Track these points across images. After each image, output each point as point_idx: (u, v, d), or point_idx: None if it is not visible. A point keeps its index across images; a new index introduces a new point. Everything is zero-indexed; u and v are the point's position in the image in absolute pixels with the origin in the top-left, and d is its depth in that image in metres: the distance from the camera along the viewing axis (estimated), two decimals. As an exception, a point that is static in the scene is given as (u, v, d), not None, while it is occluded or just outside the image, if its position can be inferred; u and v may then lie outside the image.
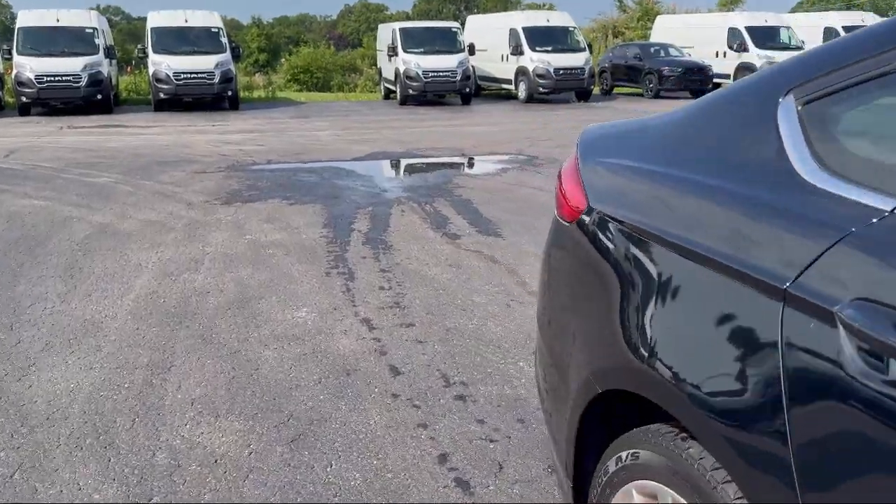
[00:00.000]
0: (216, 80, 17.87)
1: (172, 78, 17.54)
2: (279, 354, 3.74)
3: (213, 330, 4.07)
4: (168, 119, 16.30)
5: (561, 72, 20.21)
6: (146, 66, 19.03)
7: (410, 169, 10.29)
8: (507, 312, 4.31)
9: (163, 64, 17.65)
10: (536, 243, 5.77)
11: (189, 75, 17.67)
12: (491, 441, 2.91)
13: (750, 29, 24.13)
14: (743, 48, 24.07)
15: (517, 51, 20.95)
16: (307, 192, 7.97)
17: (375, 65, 26.82)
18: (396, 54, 20.24)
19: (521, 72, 20.80)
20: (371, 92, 27.16)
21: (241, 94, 21.11)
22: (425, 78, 19.55)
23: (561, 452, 1.89)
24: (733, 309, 1.31)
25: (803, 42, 24.29)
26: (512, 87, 21.58)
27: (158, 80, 17.70)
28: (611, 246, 1.70)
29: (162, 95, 17.72)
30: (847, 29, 24.96)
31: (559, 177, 2.17)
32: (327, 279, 4.95)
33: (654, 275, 1.53)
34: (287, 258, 5.43)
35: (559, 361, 1.94)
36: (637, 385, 1.52)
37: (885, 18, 2.01)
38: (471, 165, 10.42)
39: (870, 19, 25.64)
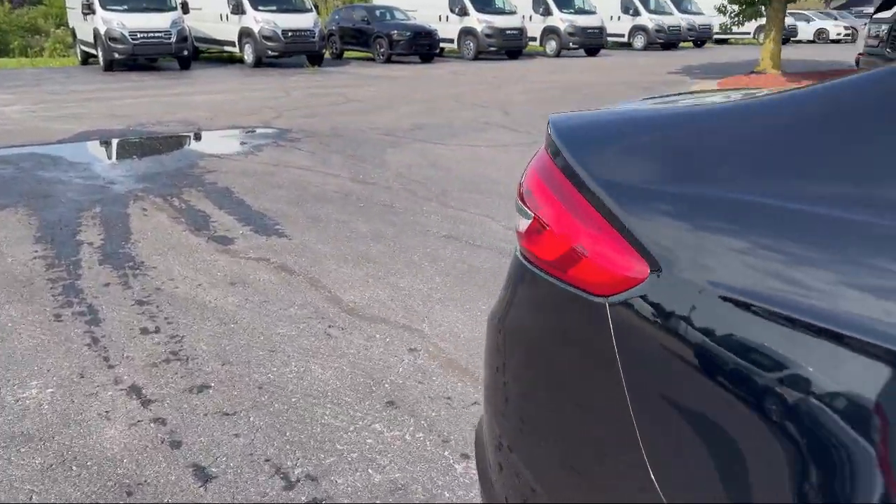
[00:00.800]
0: None
1: None
2: (6, 473, 2.38)
3: None
4: None
5: (290, 34, 18.86)
6: None
7: (139, 151, 8.50)
8: (331, 345, 3.32)
9: None
10: (331, 240, 4.77)
11: None
12: (387, 581, 1.97)
13: (470, -7, 24.67)
14: (464, 12, 24.62)
15: (238, 10, 19.15)
16: (3, 192, 6.05)
17: (66, 25, 23.01)
18: (93, 12, 17.32)
19: (246, 33, 19.06)
20: (64, 56, 23.29)
21: None
22: (133, 40, 17.00)
23: None
24: None
25: (516, 7, 25.52)
26: (236, 49, 19.73)
27: None
28: (762, 359, 0.86)
29: None
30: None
31: (529, 201, 1.28)
32: (60, 326, 3.51)
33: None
34: (-11, 296, 3.83)
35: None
36: None
37: None
38: (214, 144, 8.90)
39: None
